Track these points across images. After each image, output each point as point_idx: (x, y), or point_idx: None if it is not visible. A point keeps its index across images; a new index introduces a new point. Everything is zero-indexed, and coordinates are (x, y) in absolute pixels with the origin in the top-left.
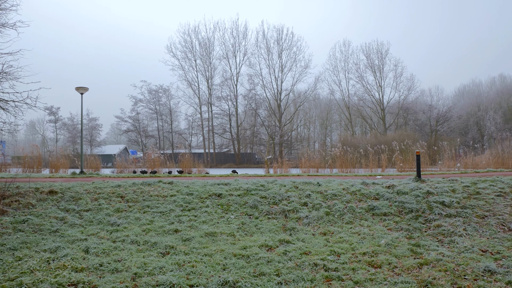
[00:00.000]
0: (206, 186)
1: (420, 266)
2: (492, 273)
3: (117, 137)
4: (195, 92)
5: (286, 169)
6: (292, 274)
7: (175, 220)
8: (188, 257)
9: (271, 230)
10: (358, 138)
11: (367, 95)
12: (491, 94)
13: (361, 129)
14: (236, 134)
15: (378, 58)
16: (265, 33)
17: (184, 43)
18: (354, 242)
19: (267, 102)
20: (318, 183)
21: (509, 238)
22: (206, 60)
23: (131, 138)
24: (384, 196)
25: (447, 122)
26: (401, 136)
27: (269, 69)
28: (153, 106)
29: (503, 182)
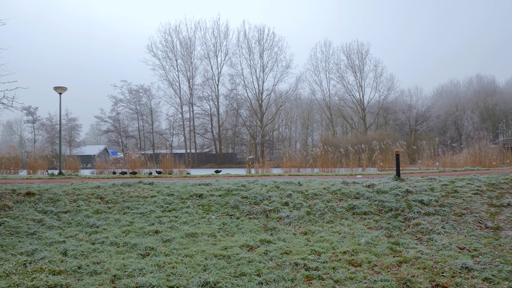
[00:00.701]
0: (187, 187)
1: (399, 264)
2: (469, 270)
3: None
4: (176, 92)
5: (267, 169)
6: (273, 274)
7: (156, 221)
8: (168, 258)
9: (252, 230)
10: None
11: (347, 95)
12: (468, 94)
13: (342, 129)
14: (218, 134)
15: (358, 59)
16: (246, 33)
17: (165, 42)
18: (335, 241)
19: (248, 102)
20: (299, 182)
21: (485, 235)
22: (187, 60)
23: (111, 139)
24: (364, 195)
25: (426, 122)
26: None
27: (250, 69)
28: (133, 106)
29: (480, 180)
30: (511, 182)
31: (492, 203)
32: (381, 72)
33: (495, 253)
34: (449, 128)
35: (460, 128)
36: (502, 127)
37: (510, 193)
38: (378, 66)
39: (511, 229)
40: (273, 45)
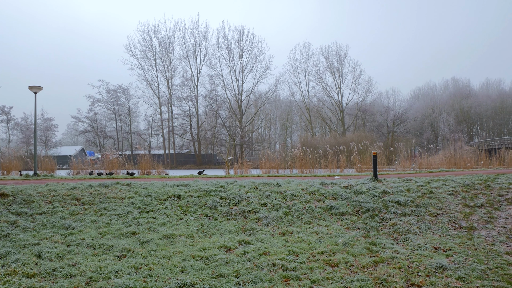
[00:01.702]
0: (165, 188)
1: (376, 264)
2: (444, 269)
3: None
4: (155, 92)
5: (246, 170)
6: (250, 275)
7: (133, 223)
8: (145, 260)
9: (231, 231)
10: (318, 139)
11: (326, 97)
12: (444, 97)
13: (321, 130)
14: (197, 135)
15: (337, 61)
16: (226, 34)
17: (143, 42)
18: (313, 242)
19: (228, 103)
20: (278, 183)
21: (460, 235)
22: (166, 60)
23: (89, 139)
24: (342, 196)
25: (403, 124)
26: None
27: (230, 69)
28: (111, 106)
29: (454, 181)
30: (485, 183)
31: (466, 204)
32: (360, 74)
33: (469, 253)
34: (425, 130)
35: (436, 130)
36: (477, 129)
37: (484, 194)
38: (356, 68)
39: (484, 229)
40: (252, 46)
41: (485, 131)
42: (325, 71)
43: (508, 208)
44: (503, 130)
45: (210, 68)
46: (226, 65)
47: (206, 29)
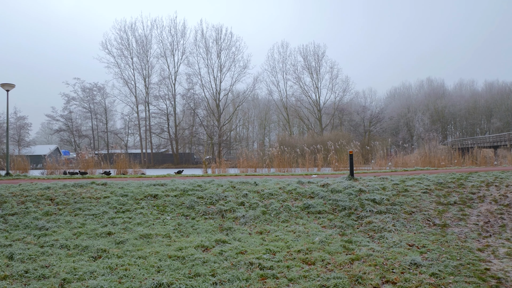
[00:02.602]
0: (142, 187)
1: (352, 262)
2: (418, 266)
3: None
4: (131, 91)
5: (224, 169)
6: (227, 274)
7: (109, 223)
8: (121, 260)
9: (208, 230)
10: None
11: (304, 96)
12: (419, 97)
13: (298, 129)
14: (174, 134)
15: (315, 60)
16: (204, 33)
17: (120, 40)
18: (290, 240)
19: (206, 101)
20: (255, 182)
21: (434, 233)
22: (143, 58)
23: (64, 138)
24: (319, 195)
25: (379, 123)
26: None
27: (208, 68)
28: (87, 105)
29: (429, 179)
30: (458, 182)
31: (440, 202)
32: (337, 74)
33: (442, 249)
34: (401, 129)
35: (411, 129)
36: (451, 128)
37: (457, 192)
38: (334, 68)
39: (457, 226)
40: (230, 45)
41: (458, 130)
42: (303, 70)
43: (480, 206)
44: (476, 129)
45: (188, 67)
46: (204, 64)
47: (184, 28)
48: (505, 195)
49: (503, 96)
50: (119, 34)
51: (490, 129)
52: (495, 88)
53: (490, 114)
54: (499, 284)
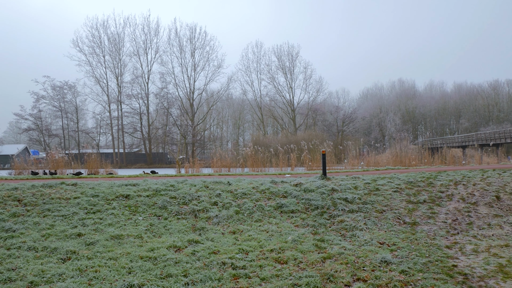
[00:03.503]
0: (113, 187)
1: (324, 260)
2: (388, 264)
3: (16, 136)
4: (103, 90)
5: (198, 169)
6: (200, 274)
7: (79, 224)
8: (91, 262)
9: (180, 230)
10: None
11: (278, 96)
12: (391, 97)
13: (273, 129)
14: (148, 133)
15: (289, 60)
16: (177, 31)
17: (91, 37)
18: (262, 240)
19: (179, 101)
20: (229, 182)
21: (404, 231)
22: (115, 56)
23: (33, 138)
24: (292, 194)
25: (352, 123)
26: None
27: (181, 67)
28: (57, 104)
29: (399, 178)
30: (427, 180)
31: (410, 200)
32: (311, 74)
33: (412, 247)
34: (373, 129)
35: (383, 129)
36: (421, 128)
37: (426, 191)
38: (307, 68)
39: (427, 224)
40: (204, 44)
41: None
42: (277, 70)
43: (448, 204)
44: (445, 130)
45: (161, 66)
46: (178, 63)
47: (158, 26)
48: (472, 193)
49: (471, 97)
50: (90, 32)
51: (459, 129)
52: (463, 89)
53: (458, 115)
54: (465, 280)
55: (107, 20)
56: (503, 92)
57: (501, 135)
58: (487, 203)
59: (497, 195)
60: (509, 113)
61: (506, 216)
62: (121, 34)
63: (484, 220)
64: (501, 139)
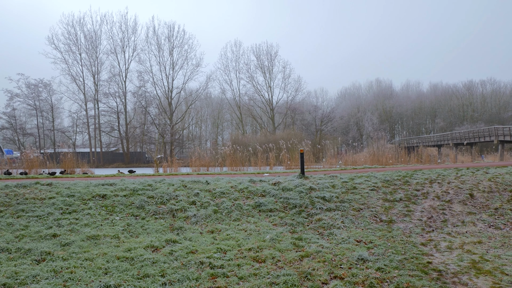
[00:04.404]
0: (90, 187)
1: (301, 259)
2: (365, 261)
3: None
4: (80, 88)
5: (176, 168)
6: (177, 274)
7: (54, 224)
8: (66, 263)
9: (158, 230)
10: (248, 137)
11: (257, 95)
12: (369, 97)
13: (251, 128)
14: (125, 132)
15: (267, 60)
16: (156, 29)
17: (67, 35)
18: (241, 239)
19: (157, 99)
20: (207, 181)
21: (380, 228)
22: (92, 54)
23: (6, 137)
24: (270, 193)
25: (330, 122)
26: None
27: (160, 66)
28: (32, 102)
29: (376, 177)
30: (403, 179)
31: (387, 198)
32: (289, 74)
33: (388, 245)
34: (351, 129)
35: (361, 129)
36: (398, 128)
37: (402, 189)
38: (286, 68)
39: (403, 221)
40: (183, 42)
41: (405, 129)
42: (256, 69)
43: (423, 202)
44: (421, 129)
45: (139, 64)
46: (156, 61)
47: (135, 24)
48: (447, 191)
49: (446, 97)
50: (66, 29)
51: (434, 128)
52: (439, 89)
53: (434, 115)
54: (440, 276)
55: (84, 17)
56: (477, 92)
57: (474, 135)
58: (461, 201)
59: (470, 193)
60: (483, 113)
61: (479, 214)
62: (98, 32)
63: (458, 217)
64: (474, 138)
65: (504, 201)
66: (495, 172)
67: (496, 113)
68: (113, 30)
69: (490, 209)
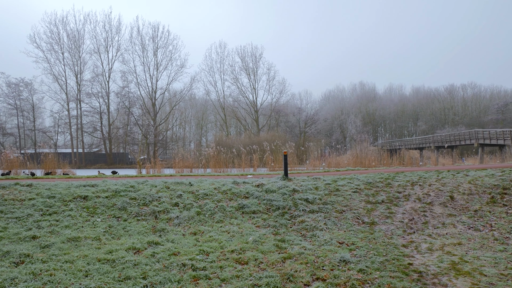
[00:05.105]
0: (71, 188)
1: (284, 260)
2: (347, 263)
3: None
4: (62, 87)
5: (159, 169)
6: (159, 276)
7: (34, 226)
8: (46, 265)
9: (140, 232)
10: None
11: (241, 97)
12: (352, 100)
13: (236, 130)
14: (108, 133)
15: (252, 61)
16: (140, 30)
17: (50, 33)
18: (224, 241)
19: (141, 100)
20: (190, 183)
21: (362, 230)
22: (75, 53)
23: None
24: (253, 195)
25: (314, 125)
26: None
27: (144, 66)
28: (12, 101)
29: (359, 179)
30: (386, 181)
31: (369, 200)
32: (274, 76)
33: (370, 246)
34: (335, 131)
35: (344, 131)
36: (381, 130)
37: (384, 191)
38: (271, 70)
39: (384, 223)
40: (167, 43)
41: (388, 132)
42: (241, 71)
43: (405, 204)
44: (403, 132)
45: (122, 64)
46: (140, 62)
47: (119, 24)
48: (428, 193)
49: (428, 100)
50: (49, 28)
51: (416, 131)
52: (421, 93)
53: (416, 118)
54: (420, 278)
55: (67, 16)
56: (458, 96)
57: (455, 138)
58: (442, 203)
59: (451, 195)
60: (464, 116)
61: (459, 216)
62: (81, 31)
63: (439, 219)
64: (455, 141)
65: (483, 203)
66: (475, 174)
67: (477, 116)
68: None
69: (470, 211)
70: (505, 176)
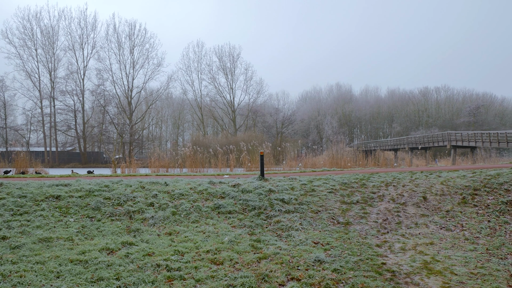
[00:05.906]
0: (43, 188)
1: (259, 260)
2: (322, 263)
3: None
4: (35, 85)
5: (134, 169)
6: (133, 277)
7: (3, 226)
8: (16, 267)
9: (114, 232)
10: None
11: (219, 97)
12: (329, 101)
13: (213, 130)
14: (82, 131)
15: (230, 61)
16: (116, 27)
17: (23, 29)
18: (199, 241)
19: (117, 99)
20: (166, 183)
21: (337, 230)
22: (49, 50)
23: None
24: (229, 195)
25: (291, 125)
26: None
27: (120, 64)
28: None
29: (334, 180)
30: (361, 182)
31: (344, 201)
32: (251, 76)
33: (345, 246)
34: (311, 132)
35: (321, 132)
36: (357, 131)
37: (359, 192)
38: (248, 70)
39: (359, 223)
40: (144, 41)
41: (364, 133)
42: (218, 71)
43: (379, 204)
44: (379, 133)
45: (98, 62)
46: (115, 60)
47: (95, 21)
48: (402, 194)
49: (403, 103)
50: (21, 23)
51: (391, 133)
52: (396, 95)
53: (391, 119)
54: (393, 277)
55: (40, 12)
56: (432, 98)
57: (429, 139)
58: (415, 203)
59: (424, 196)
60: (437, 118)
61: (432, 216)
62: (55, 27)
63: (412, 219)
64: (429, 143)
65: (455, 204)
66: (447, 175)
67: (450, 119)
68: (71, 26)
69: (442, 212)
70: (476, 178)
